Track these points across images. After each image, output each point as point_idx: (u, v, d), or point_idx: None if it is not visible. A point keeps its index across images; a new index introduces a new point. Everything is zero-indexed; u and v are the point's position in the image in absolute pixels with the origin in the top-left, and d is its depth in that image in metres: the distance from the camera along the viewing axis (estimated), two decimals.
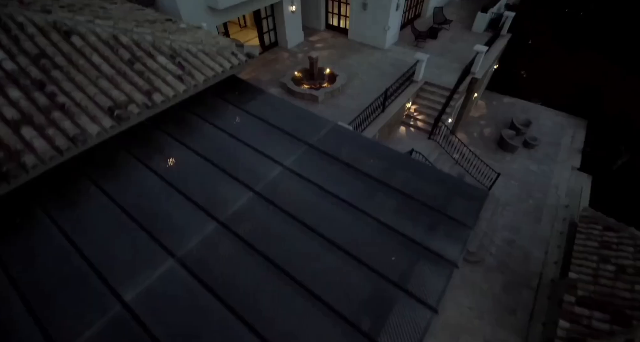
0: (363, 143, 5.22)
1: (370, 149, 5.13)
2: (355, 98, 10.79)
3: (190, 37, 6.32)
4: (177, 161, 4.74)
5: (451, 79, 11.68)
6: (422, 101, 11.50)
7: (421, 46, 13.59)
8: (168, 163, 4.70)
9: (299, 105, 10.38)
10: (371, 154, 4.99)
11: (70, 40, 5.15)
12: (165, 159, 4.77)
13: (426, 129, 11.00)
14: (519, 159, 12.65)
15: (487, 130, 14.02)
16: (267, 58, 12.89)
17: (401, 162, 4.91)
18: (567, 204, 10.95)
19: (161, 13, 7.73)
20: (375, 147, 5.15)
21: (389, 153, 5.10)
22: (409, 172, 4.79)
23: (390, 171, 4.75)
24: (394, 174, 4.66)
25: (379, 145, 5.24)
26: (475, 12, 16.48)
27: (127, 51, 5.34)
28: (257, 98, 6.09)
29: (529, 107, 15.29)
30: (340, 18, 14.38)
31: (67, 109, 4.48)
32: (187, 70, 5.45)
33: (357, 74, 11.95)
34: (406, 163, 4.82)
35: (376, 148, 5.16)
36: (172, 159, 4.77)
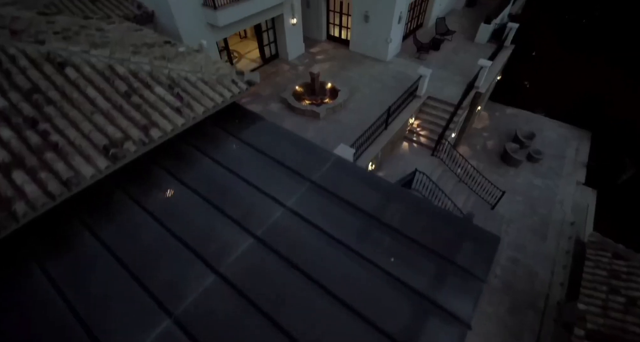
0: (366, 178, 5.04)
1: (374, 185, 4.95)
2: (357, 113, 10.62)
3: (190, 63, 6.16)
4: (175, 202, 4.56)
5: (454, 93, 11.52)
6: (425, 116, 11.32)
7: (423, 58, 13.41)
8: (165, 204, 4.53)
9: (300, 121, 10.32)
10: (374, 191, 4.81)
11: (64, 72, 4.98)
12: (163, 199, 4.60)
13: (429, 145, 10.83)
14: (522, 173, 12.48)
15: (490, 143, 13.84)
16: (268, 71, 12.73)
17: (406, 200, 4.73)
18: (573, 221, 10.78)
19: (159, 34, 7.59)
20: (378, 183, 4.98)
21: (393, 190, 4.93)
22: (415, 211, 4.61)
23: (395, 210, 4.57)
24: (398, 215, 4.49)
25: (383, 181, 5.06)
26: (478, 21, 16.33)
27: (124, 82, 5.18)
28: (257, 127, 5.92)
29: (533, 118, 15.11)
30: (342, 29, 14.22)
31: (60, 148, 4.32)
32: (186, 101, 5.29)
33: (358, 88, 11.78)
34: (411, 201, 4.64)
35: (380, 184, 4.98)
36: (169, 199, 4.60)
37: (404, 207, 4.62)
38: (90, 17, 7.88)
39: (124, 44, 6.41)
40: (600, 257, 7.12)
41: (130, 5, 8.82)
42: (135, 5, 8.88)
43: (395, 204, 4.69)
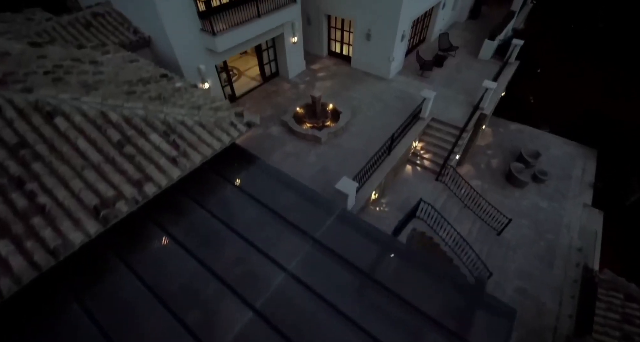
0: (371, 235, 4.78)
1: (379, 243, 4.70)
2: (359, 137, 10.37)
3: (187, 103, 5.91)
4: (170, 268, 4.32)
5: (458, 114, 11.27)
6: (428, 138, 11.07)
7: (426, 76, 13.16)
8: (159, 270, 4.28)
9: (301, 146, 10.06)
10: (380, 250, 4.57)
11: (53, 122, 4.73)
12: (157, 264, 4.35)
13: (433, 169, 10.57)
14: (528, 195, 12.22)
15: (494, 161, 13.59)
16: (268, 90, 12.47)
17: (413, 260, 4.48)
18: (580, 247, 10.52)
19: (155, 62, 7.34)
20: (384, 241, 4.73)
21: (400, 249, 4.68)
22: (423, 274, 4.36)
23: (403, 274, 4.33)
24: (406, 279, 4.24)
25: (388, 238, 4.84)
26: (481, 34, 16.08)
27: (117, 130, 4.93)
28: (256, 171, 5.68)
29: (537, 135, 14.85)
30: (343, 45, 13.96)
31: (48, 211, 4.08)
32: (182, 149, 5.04)
33: (360, 109, 11.52)
34: (420, 263, 4.40)
35: (385, 242, 4.74)
36: (164, 264, 4.35)
37: (411, 270, 4.37)
38: (84, 46, 7.63)
39: (118, 82, 6.16)
40: (612, 299, 6.87)
41: (126, 31, 8.56)
42: (132, 30, 8.63)
43: (403, 266, 4.44)
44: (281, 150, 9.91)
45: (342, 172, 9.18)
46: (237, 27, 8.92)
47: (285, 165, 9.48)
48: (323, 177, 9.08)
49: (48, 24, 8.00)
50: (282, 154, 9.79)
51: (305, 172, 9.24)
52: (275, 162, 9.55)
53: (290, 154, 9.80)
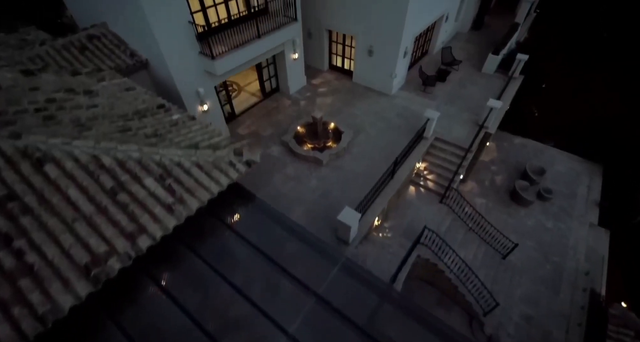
0: (377, 288, 4.56)
1: (385, 298, 4.48)
2: (361, 159, 10.15)
3: (184, 138, 5.70)
4: (162, 325, 4.10)
5: (462, 133, 11.06)
6: (432, 159, 10.85)
7: (429, 91, 12.94)
8: (149, 328, 4.06)
9: (302, 168, 9.84)
10: (385, 307, 4.35)
11: (43, 170, 4.51)
12: (146, 321, 4.13)
13: (437, 191, 10.36)
14: (533, 214, 12.00)
15: (498, 178, 13.36)
16: (268, 107, 12.25)
17: (424, 323, 4.25)
18: (587, 271, 10.30)
19: (152, 93, 7.12)
20: (390, 296, 4.52)
21: (406, 306, 4.46)
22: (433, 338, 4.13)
23: (407, 334, 4.11)
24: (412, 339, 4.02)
25: (394, 292, 4.62)
26: (485, 46, 15.88)
27: (110, 176, 4.70)
28: (256, 213, 5.46)
29: (541, 150, 14.63)
30: (345, 59, 13.74)
31: (36, 271, 3.85)
32: (179, 195, 4.81)
33: (363, 127, 11.30)
34: (431, 327, 4.16)
35: (390, 297, 4.52)
36: (155, 322, 4.13)
37: (421, 334, 4.14)
38: (78, 73, 7.41)
39: (113, 117, 5.95)
40: (622, 336, 6.65)
41: (122, 54, 8.34)
42: (128, 53, 8.40)
43: (411, 332, 4.20)
44: (282, 173, 9.69)
45: (344, 197, 8.99)
46: (236, 49, 8.69)
47: (285, 188, 9.28)
48: (325, 202, 8.86)
49: (42, 48, 7.77)
50: (282, 177, 9.57)
51: (307, 197, 9.03)
52: (276, 186, 9.35)
53: (291, 177, 9.58)
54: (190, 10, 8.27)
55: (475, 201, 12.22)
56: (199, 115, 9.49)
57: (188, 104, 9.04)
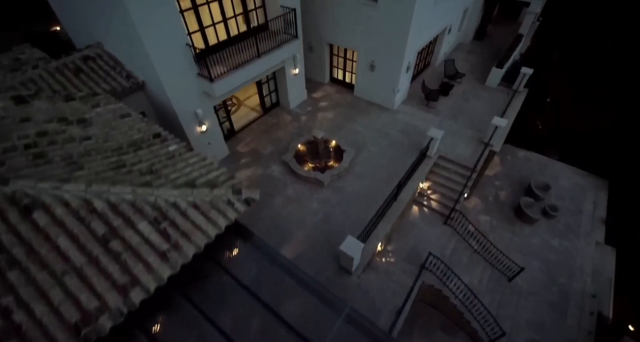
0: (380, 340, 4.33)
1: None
2: (363, 178, 9.93)
3: (180, 175, 5.47)
4: None
5: (466, 151, 10.84)
6: (435, 178, 10.62)
7: (432, 106, 12.71)
8: None
9: (303, 190, 9.61)
10: None
11: (31, 217, 4.28)
12: None
13: (441, 211, 10.13)
14: (538, 232, 11.76)
15: (502, 193, 13.13)
16: (268, 122, 12.02)
17: None
18: (594, 294, 10.07)
19: (148, 120, 6.88)
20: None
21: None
22: None
23: None
24: None
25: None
26: (487, 57, 15.68)
27: (102, 221, 4.48)
28: (257, 258, 5.23)
29: (546, 164, 14.39)
30: (346, 73, 13.51)
31: (24, 332, 3.64)
32: (174, 240, 4.59)
33: (364, 145, 11.07)
34: None
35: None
36: None
37: None
38: (72, 98, 7.18)
39: (107, 150, 5.72)
40: None
41: (118, 75, 8.11)
42: (124, 75, 8.17)
43: None
44: (282, 194, 9.46)
45: (346, 221, 8.77)
46: (235, 70, 8.46)
47: (286, 211, 9.05)
48: (326, 227, 8.64)
49: (35, 72, 7.54)
50: (283, 199, 9.34)
51: (308, 221, 8.81)
52: (276, 208, 9.12)
53: (292, 199, 9.35)
54: (188, 30, 8.08)
55: (479, 218, 12.00)
56: (197, 135, 9.26)
57: (186, 126, 8.81)
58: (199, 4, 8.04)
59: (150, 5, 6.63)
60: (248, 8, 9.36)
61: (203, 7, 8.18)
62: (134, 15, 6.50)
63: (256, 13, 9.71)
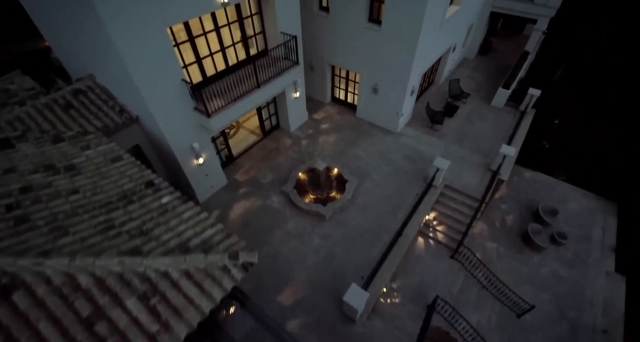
0: None
1: None
2: (366, 211, 9.56)
3: (173, 235, 5.10)
4: None
5: (473, 180, 10.48)
6: (441, 208, 10.26)
7: (437, 129, 12.34)
8: None
9: (304, 224, 9.24)
10: None
11: (11, 299, 3.92)
12: None
13: (447, 244, 9.77)
14: (547, 261, 11.38)
15: (509, 218, 12.75)
16: (268, 147, 11.64)
17: None
18: (605, 329, 9.71)
19: (140, 165, 6.51)
20: None
21: None
22: None
23: None
24: None
25: None
26: (493, 74, 15.34)
27: (86, 300, 4.12)
28: (251, 324, 4.87)
29: (552, 185, 14.01)
30: (348, 93, 13.14)
31: None
32: (165, 319, 4.23)
33: (367, 172, 10.71)
34: None
35: None
36: None
37: None
38: (61, 139, 6.82)
39: (96, 206, 5.35)
40: None
41: (110, 110, 7.73)
42: (117, 110, 7.79)
43: None
44: (283, 229, 9.10)
45: (349, 260, 8.41)
46: (234, 103, 8.09)
47: (286, 249, 8.69)
48: (329, 268, 8.27)
49: (22, 109, 7.15)
50: (283, 235, 8.97)
51: (309, 259, 8.44)
52: (276, 245, 8.76)
53: (293, 234, 8.99)
54: (184, 62, 7.71)
55: (485, 245, 11.62)
56: (194, 168, 8.89)
57: (182, 160, 8.45)
58: (196, 35, 7.66)
59: (140, 40, 6.17)
60: (247, 35, 8.99)
61: (200, 38, 7.80)
62: (122, 52, 6.05)
63: (255, 39, 9.34)
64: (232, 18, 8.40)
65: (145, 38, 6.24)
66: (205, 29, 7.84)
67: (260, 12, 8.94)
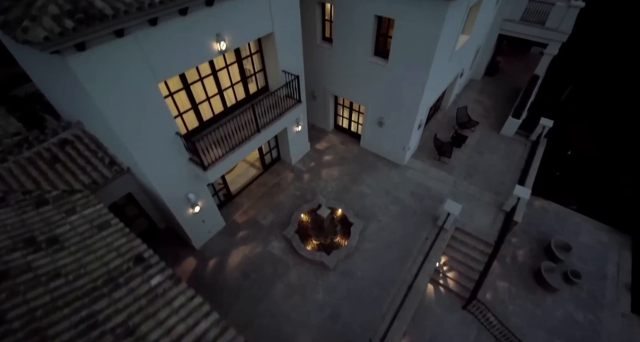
0: None
1: None
2: (373, 259, 9.03)
3: (163, 332, 4.56)
4: None
5: (485, 222, 9.97)
6: (452, 252, 9.74)
7: (444, 161, 11.82)
8: None
9: (307, 274, 8.69)
10: None
11: None
12: None
13: (459, 294, 9.25)
14: (561, 302, 10.85)
15: (520, 253, 12.22)
16: (269, 183, 11.10)
17: None
18: None
19: (129, 234, 5.95)
20: None
21: None
22: None
23: None
24: None
25: None
26: (500, 97, 14.89)
27: None
28: None
29: (564, 216, 13.49)
30: (351, 123, 12.61)
31: None
32: None
33: (373, 212, 10.18)
34: None
35: None
36: None
37: None
38: (45, 201, 6.28)
39: (77, 297, 4.80)
40: None
41: (99, 163, 7.18)
42: (107, 161, 7.25)
43: None
44: (284, 280, 8.56)
45: (356, 319, 7.88)
46: (232, 151, 7.56)
47: (288, 306, 8.14)
48: (334, 329, 7.72)
49: (4, 166, 6.62)
50: (284, 288, 8.43)
51: (313, 318, 7.90)
52: (277, 301, 8.21)
53: (294, 286, 8.45)
54: (179, 111, 7.19)
55: (497, 285, 11.09)
56: (190, 217, 8.35)
57: (176, 211, 7.91)
58: (191, 82, 7.12)
59: (126, 97, 5.48)
60: (247, 75, 8.46)
61: (196, 83, 7.27)
62: (106, 113, 5.39)
63: (255, 77, 8.82)
64: (231, 60, 7.88)
65: (132, 95, 5.65)
66: (202, 75, 7.31)
67: (260, 51, 8.42)
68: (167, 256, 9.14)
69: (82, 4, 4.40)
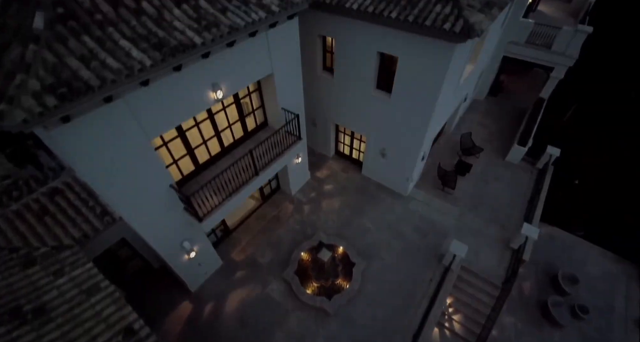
0: None
1: None
2: (376, 304, 8.69)
3: None
4: None
5: (492, 260, 9.67)
6: (458, 293, 9.42)
7: (449, 192, 11.50)
8: None
9: (306, 320, 8.35)
10: None
11: None
12: None
13: (465, 338, 8.92)
14: (568, 338, 10.55)
15: (527, 286, 11.89)
16: (267, 216, 10.78)
17: None
18: None
19: (118, 300, 5.63)
20: None
21: None
22: None
23: None
24: None
25: None
26: (505, 119, 14.60)
27: None
28: None
29: (571, 244, 13.17)
30: (353, 150, 12.29)
31: None
32: None
33: (376, 249, 9.86)
34: None
35: None
36: None
37: None
38: (33, 261, 5.97)
39: None
40: None
41: (90, 213, 6.83)
42: (98, 211, 6.89)
43: None
44: (283, 329, 8.21)
45: None
46: (229, 197, 7.25)
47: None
48: None
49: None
50: (283, 337, 8.08)
51: None
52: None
53: (294, 335, 8.11)
54: (173, 158, 6.87)
55: (503, 321, 10.78)
56: (185, 262, 8.02)
57: (170, 259, 7.59)
58: (187, 129, 6.81)
59: (113, 155, 5.18)
60: (245, 113, 8.14)
61: (192, 129, 6.95)
62: (88, 172, 5.15)
63: (254, 114, 8.51)
64: (228, 102, 7.56)
65: (121, 156, 5.32)
66: (198, 120, 6.99)
67: (259, 89, 8.11)
68: (161, 300, 8.85)
69: (66, 75, 4.07)
